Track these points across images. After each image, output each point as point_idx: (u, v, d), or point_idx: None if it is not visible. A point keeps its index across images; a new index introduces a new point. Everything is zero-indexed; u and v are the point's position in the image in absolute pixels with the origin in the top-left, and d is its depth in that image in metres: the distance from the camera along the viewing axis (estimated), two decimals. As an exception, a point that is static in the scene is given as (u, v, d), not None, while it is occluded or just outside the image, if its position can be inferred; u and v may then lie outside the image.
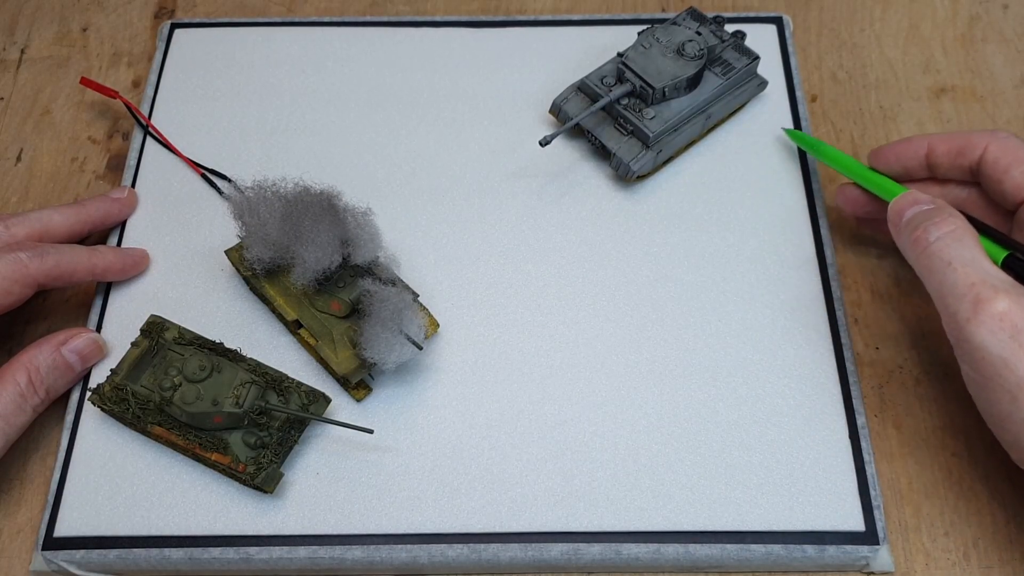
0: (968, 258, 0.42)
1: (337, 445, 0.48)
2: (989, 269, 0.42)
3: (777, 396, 0.49)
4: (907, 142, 0.51)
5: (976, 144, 0.48)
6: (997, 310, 0.40)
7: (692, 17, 0.57)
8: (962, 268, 0.42)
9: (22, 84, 0.64)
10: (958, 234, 0.43)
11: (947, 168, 0.50)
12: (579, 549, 0.45)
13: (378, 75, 0.61)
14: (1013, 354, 0.39)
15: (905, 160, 0.51)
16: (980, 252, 0.43)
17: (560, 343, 0.51)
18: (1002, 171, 0.47)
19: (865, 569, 0.46)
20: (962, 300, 0.41)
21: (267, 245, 0.48)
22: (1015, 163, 0.47)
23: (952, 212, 0.45)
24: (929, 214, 0.45)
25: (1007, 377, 0.40)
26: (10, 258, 0.48)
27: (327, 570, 0.46)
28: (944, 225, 0.44)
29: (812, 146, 0.55)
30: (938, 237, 0.43)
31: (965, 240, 0.43)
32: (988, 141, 0.48)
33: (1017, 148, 0.47)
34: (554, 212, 0.55)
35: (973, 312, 0.40)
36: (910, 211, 0.46)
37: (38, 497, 0.49)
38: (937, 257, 0.43)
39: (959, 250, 0.43)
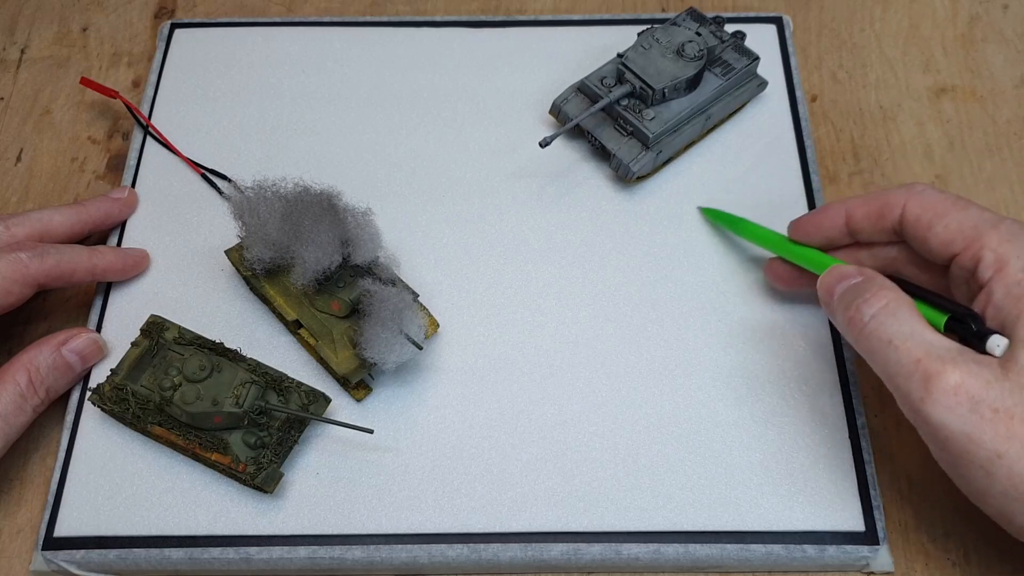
0: (908, 332, 0.40)
1: (337, 445, 0.48)
2: (932, 340, 0.39)
3: (777, 396, 0.49)
4: (824, 211, 0.48)
5: (894, 203, 0.45)
6: (950, 384, 0.38)
7: (692, 17, 0.57)
8: (903, 344, 0.39)
9: (22, 84, 0.64)
10: (892, 307, 0.41)
11: (870, 232, 0.46)
12: (579, 549, 0.45)
13: (378, 75, 0.61)
14: (976, 428, 0.37)
15: (825, 230, 0.48)
16: (920, 323, 0.40)
17: (560, 343, 0.51)
18: (925, 228, 0.44)
19: (865, 569, 0.46)
20: (911, 379, 0.39)
21: (267, 245, 0.48)
22: (936, 218, 0.43)
23: (883, 284, 0.42)
24: (859, 289, 0.42)
25: (975, 452, 0.38)
26: (10, 258, 0.48)
27: (327, 570, 0.46)
28: (876, 301, 0.41)
29: (731, 223, 0.53)
30: (872, 315, 0.41)
31: (901, 313, 0.41)
32: (905, 198, 0.45)
33: (936, 201, 0.44)
34: (554, 212, 0.55)
35: (925, 390, 0.38)
36: (839, 288, 0.43)
37: (38, 497, 0.49)
38: (875, 337, 0.40)
39: (897, 325, 0.40)
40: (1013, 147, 0.59)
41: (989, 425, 0.37)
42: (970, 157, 0.59)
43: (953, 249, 0.43)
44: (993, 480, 0.38)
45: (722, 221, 0.54)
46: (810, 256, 0.48)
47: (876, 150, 0.59)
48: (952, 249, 0.43)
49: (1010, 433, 0.37)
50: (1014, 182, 0.58)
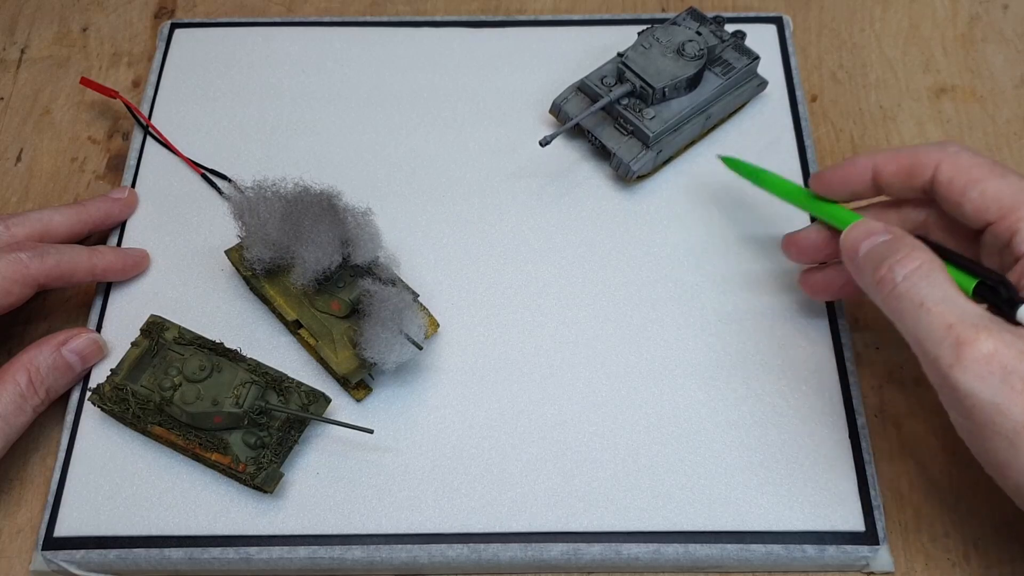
0: (940, 296, 0.39)
1: (337, 445, 0.48)
2: (965, 306, 0.38)
3: (777, 396, 0.49)
4: (851, 164, 0.46)
5: (926, 163, 0.43)
6: (983, 352, 0.37)
7: (692, 17, 0.57)
8: (936, 308, 0.38)
9: (22, 84, 0.64)
10: (925, 270, 0.40)
11: (899, 190, 0.45)
12: (579, 549, 0.45)
13: (378, 75, 0.61)
14: (1006, 398, 0.36)
15: (852, 184, 0.46)
16: (953, 287, 0.39)
17: (560, 343, 0.51)
18: (959, 193, 0.42)
19: (865, 569, 0.46)
20: (941, 344, 0.38)
21: (267, 245, 0.48)
22: (971, 183, 0.42)
23: (915, 244, 0.41)
24: (890, 248, 0.41)
25: (1002, 423, 0.37)
26: (10, 258, 0.48)
27: (327, 570, 0.46)
28: (909, 262, 0.40)
29: (752, 174, 0.52)
30: (904, 276, 0.40)
31: (934, 276, 0.39)
32: (939, 159, 0.43)
33: (971, 165, 0.42)
34: (554, 212, 0.55)
35: (956, 357, 0.37)
36: (866, 244, 0.42)
37: (38, 497, 0.49)
38: (907, 299, 0.39)
39: (929, 288, 0.39)
40: (1013, 147, 0.59)
41: (1019, 396, 0.36)
42: (970, 157, 0.59)
43: (988, 217, 0.42)
44: (1017, 452, 0.37)
45: (743, 172, 0.52)
46: (834, 212, 0.46)
47: (876, 150, 0.59)
48: (987, 217, 0.42)
49: None
50: (1014, 182, 0.58)
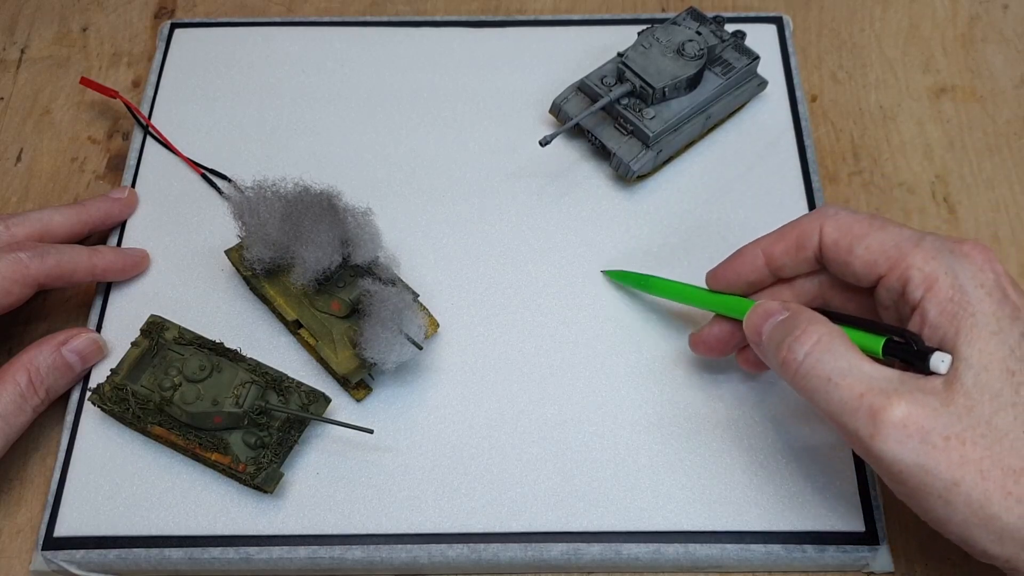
0: (846, 367, 0.38)
1: (337, 445, 0.48)
2: (872, 372, 0.38)
3: (777, 396, 0.49)
4: (741, 255, 0.46)
5: (810, 232, 0.43)
6: (897, 417, 0.37)
7: (692, 17, 0.57)
8: (843, 381, 0.38)
9: (22, 84, 0.64)
10: (825, 343, 0.39)
11: (792, 266, 0.44)
12: (579, 549, 0.45)
13: (378, 75, 0.61)
14: (930, 458, 0.36)
15: (745, 274, 0.46)
16: (856, 355, 0.39)
17: (560, 343, 0.51)
18: (845, 252, 0.42)
19: (865, 569, 0.46)
20: (856, 416, 0.37)
21: (267, 245, 0.48)
22: (855, 240, 0.41)
23: (811, 317, 0.41)
24: (788, 326, 0.41)
25: (932, 483, 0.37)
26: (10, 258, 0.48)
27: (327, 570, 0.46)
28: (807, 338, 0.40)
29: (639, 282, 0.51)
30: (806, 353, 0.39)
31: (835, 347, 0.39)
32: (820, 224, 0.43)
33: (852, 223, 0.42)
34: (554, 212, 0.55)
35: (873, 427, 0.37)
36: (766, 326, 0.42)
37: (38, 497, 0.49)
38: (812, 375, 0.39)
39: (833, 361, 0.39)
40: (1013, 147, 0.59)
41: (942, 454, 0.36)
42: (970, 157, 0.59)
43: (878, 270, 0.41)
44: (952, 509, 0.37)
45: (629, 282, 0.52)
46: (729, 302, 0.46)
47: (876, 150, 0.59)
48: (877, 271, 0.41)
49: (963, 459, 0.36)
50: (1014, 182, 0.58)
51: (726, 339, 0.47)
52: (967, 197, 0.57)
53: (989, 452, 0.37)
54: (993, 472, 0.36)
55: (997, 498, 0.36)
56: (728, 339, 0.47)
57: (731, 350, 0.48)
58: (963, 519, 0.37)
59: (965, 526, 0.37)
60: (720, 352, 0.48)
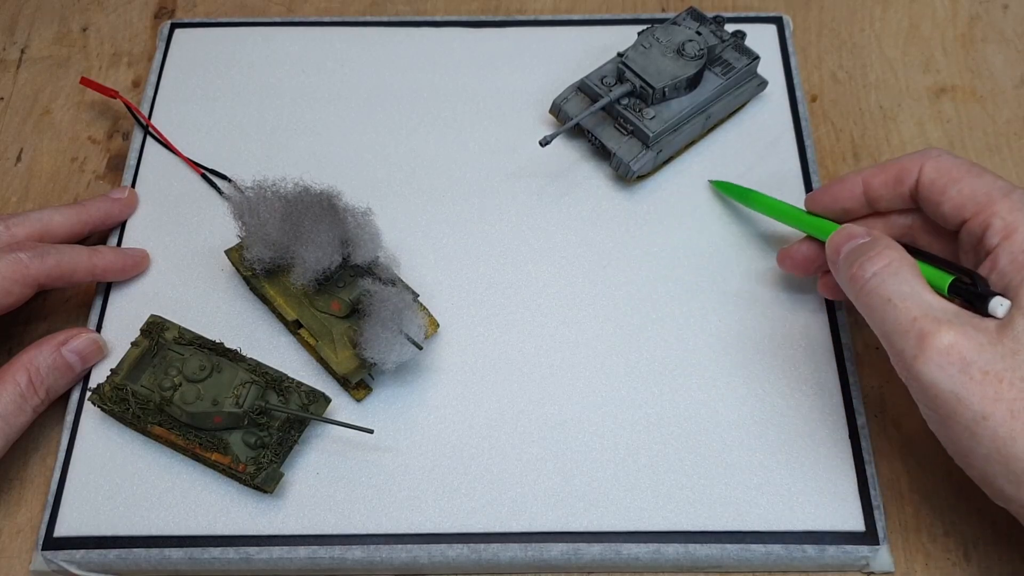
0: (907, 292, 0.40)
1: (337, 445, 0.48)
2: (931, 301, 0.40)
3: (777, 396, 0.49)
4: (841, 181, 0.48)
5: (910, 169, 0.45)
6: (943, 344, 0.38)
7: (692, 17, 0.57)
8: (902, 303, 0.40)
9: (22, 84, 0.64)
10: (894, 267, 0.41)
11: (888, 200, 0.46)
12: (579, 549, 0.45)
13: (378, 75, 0.61)
14: (965, 388, 0.38)
15: (843, 200, 0.48)
16: (920, 283, 0.41)
17: (560, 343, 0.51)
18: (939, 192, 0.44)
19: (865, 569, 0.46)
20: (906, 337, 0.39)
21: (267, 245, 0.48)
22: (951, 183, 0.43)
23: (888, 243, 0.42)
24: (864, 248, 0.43)
25: (962, 413, 0.38)
26: (10, 258, 0.48)
27: (327, 570, 0.46)
28: (879, 259, 0.42)
29: (741, 195, 0.53)
30: (874, 273, 0.41)
31: (903, 273, 0.41)
32: (922, 162, 0.45)
33: (951, 167, 0.44)
34: (554, 212, 0.55)
35: (919, 349, 0.38)
36: (846, 247, 0.44)
37: (38, 497, 0.49)
38: (875, 294, 0.41)
39: (897, 284, 0.40)
40: (1013, 147, 0.59)
41: (978, 387, 0.38)
42: (970, 157, 0.59)
43: (964, 214, 0.43)
44: (977, 441, 0.38)
45: (733, 194, 0.54)
46: (822, 226, 0.48)
47: (876, 150, 0.59)
48: (963, 214, 0.43)
49: (997, 396, 0.37)
50: (1014, 182, 0.58)
51: (812, 258, 0.49)
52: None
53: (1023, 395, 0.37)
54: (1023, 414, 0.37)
55: (1022, 439, 0.37)
56: (814, 259, 0.49)
57: (814, 271, 0.50)
58: (986, 454, 0.38)
59: (987, 461, 0.38)
60: (803, 270, 0.50)
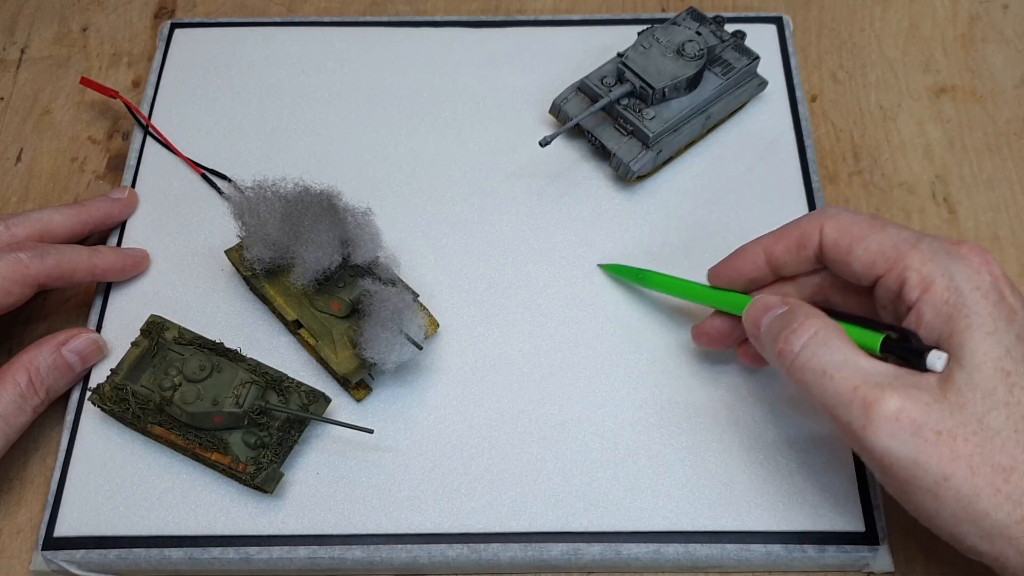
0: (841, 360, 0.39)
1: (337, 445, 0.48)
2: (867, 366, 0.39)
3: (777, 396, 0.49)
4: (742, 253, 0.46)
5: (811, 232, 0.44)
6: (890, 410, 0.37)
7: (692, 17, 0.57)
8: (838, 373, 0.38)
9: (22, 84, 0.64)
10: (822, 336, 0.40)
11: (793, 265, 0.45)
12: (579, 549, 0.45)
13: (378, 75, 0.61)
14: (921, 452, 0.37)
15: (747, 272, 0.46)
16: (852, 349, 0.39)
17: (560, 343, 0.51)
18: (845, 253, 0.42)
19: (865, 569, 0.46)
20: (849, 408, 0.38)
21: (267, 245, 0.48)
22: (855, 241, 0.42)
23: (809, 312, 0.41)
24: (785, 320, 0.41)
25: (922, 477, 0.37)
26: (10, 258, 0.48)
27: (327, 570, 0.46)
28: (804, 331, 0.40)
29: (636, 276, 0.51)
30: (803, 346, 0.40)
31: (831, 341, 0.40)
32: (820, 224, 0.43)
33: (852, 223, 0.42)
34: (554, 212, 0.55)
35: (866, 419, 0.37)
36: (765, 320, 0.43)
37: (38, 497, 0.49)
38: (808, 368, 0.39)
39: (829, 354, 0.39)
40: (1013, 147, 0.59)
41: (933, 448, 0.37)
42: (970, 157, 0.59)
43: (876, 271, 0.42)
44: (941, 503, 0.37)
45: (625, 276, 0.52)
46: (730, 299, 0.47)
47: (876, 150, 0.59)
48: (875, 271, 0.42)
49: (954, 454, 0.37)
50: (1014, 182, 0.58)
51: (727, 332, 0.48)
52: (967, 197, 0.57)
53: (980, 449, 0.37)
54: (983, 469, 0.37)
55: (986, 494, 0.37)
56: (729, 332, 0.48)
57: (732, 343, 0.48)
58: (952, 514, 0.37)
59: (954, 522, 0.38)
60: (721, 344, 0.48)
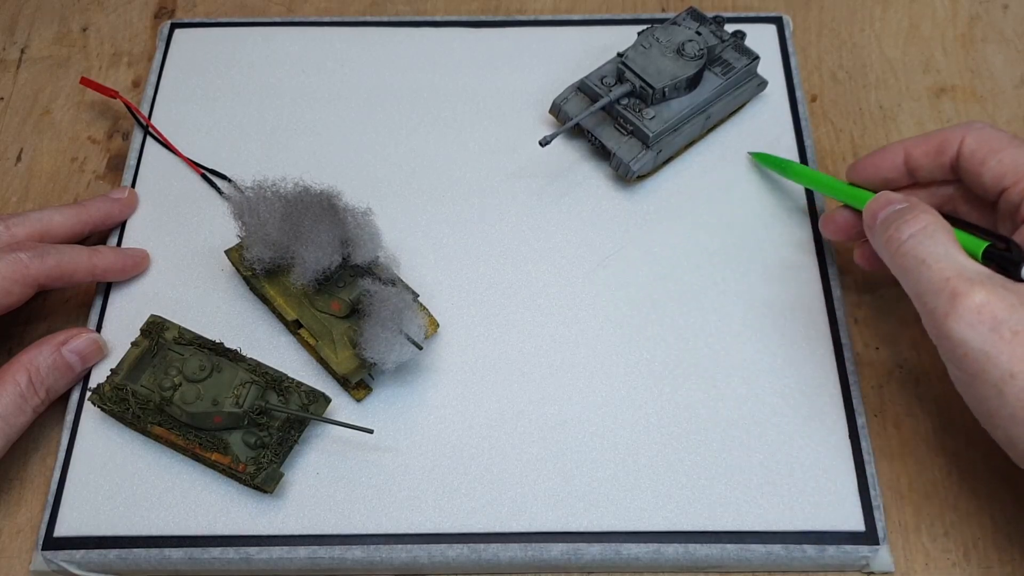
0: (942, 253, 0.41)
1: (337, 445, 0.48)
2: (964, 262, 0.41)
3: (777, 396, 0.49)
4: (884, 151, 0.49)
5: (952, 140, 0.46)
6: (974, 303, 0.39)
7: (692, 17, 0.57)
8: (936, 264, 0.41)
9: (22, 84, 0.64)
10: (930, 230, 0.42)
11: (928, 170, 0.48)
12: (579, 549, 0.45)
13: (378, 75, 0.61)
14: (994, 347, 0.38)
15: (884, 170, 0.49)
16: (954, 246, 0.42)
17: (560, 343, 0.51)
18: (979, 163, 0.45)
19: (865, 569, 0.46)
20: (938, 296, 0.40)
21: (267, 245, 0.48)
22: (991, 153, 0.45)
23: (924, 208, 0.44)
24: (901, 212, 0.44)
25: (991, 371, 0.39)
26: (11, 258, 0.48)
27: (327, 570, 0.46)
28: (916, 222, 0.43)
29: (781, 166, 0.55)
30: (911, 235, 0.42)
31: (938, 236, 0.42)
32: (964, 134, 0.46)
33: (992, 138, 0.45)
34: (554, 212, 0.55)
35: (951, 307, 0.39)
36: (883, 212, 0.45)
37: (38, 497, 0.49)
38: (911, 255, 0.42)
39: (932, 246, 0.42)
40: (1013, 147, 0.59)
41: (1007, 345, 0.38)
42: (970, 157, 0.59)
43: (1003, 184, 0.44)
44: (1004, 400, 0.39)
45: (772, 165, 0.55)
46: (863, 196, 0.48)
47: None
48: (1002, 183, 0.44)
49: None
50: (1014, 182, 0.58)
51: (852, 224, 0.50)
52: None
53: None
54: None
55: None
56: (854, 224, 0.50)
57: (854, 237, 0.50)
58: (1011, 413, 0.39)
59: (1012, 422, 0.39)
60: (846, 235, 0.51)
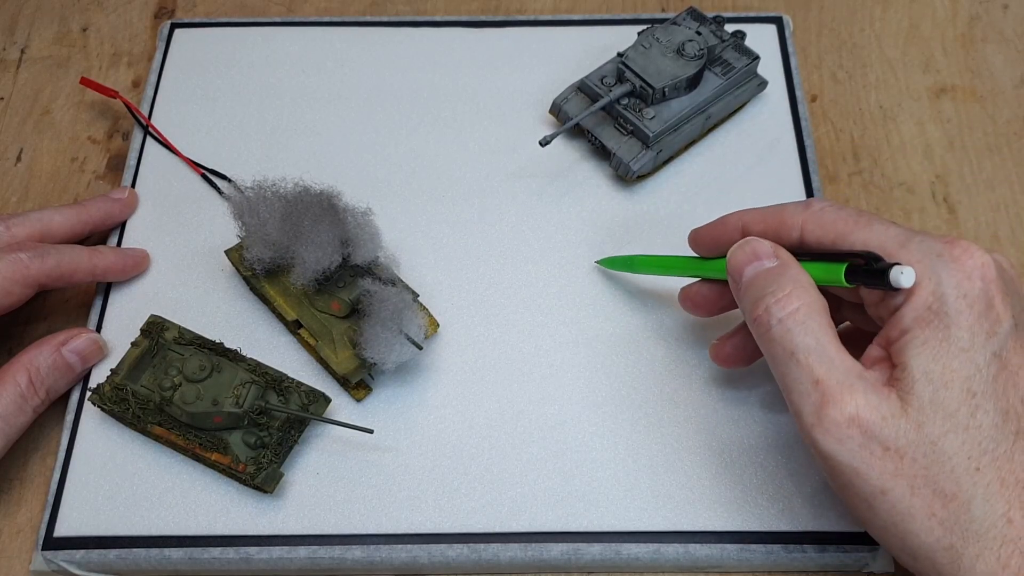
0: (812, 346, 0.38)
1: (337, 445, 0.48)
2: (835, 360, 0.37)
3: (777, 396, 0.49)
4: (721, 223, 0.45)
5: (790, 224, 0.41)
6: (844, 415, 0.36)
7: (692, 17, 0.57)
8: (805, 359, 0.37)
9: (22, 84, 0.64)
10: (802, 315, 0.38)
11: None
12: (579, 549, 0.45)
13: (378, 75, 0.61)
14: (864, 463, 0.36)
15: (724, 243, 0.44)
16: (828, 335, 0.38)
17: (560, 343, 0.51)
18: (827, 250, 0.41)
19: (865, 570, 0.46)
20: (805, 400, 0.37)
21: (267, 245, 0.48)
22: (839, 238, 0.40)
23: (797, 279, 0.39)
24: (773, 281, 0.39)
25: (860, 487, 0.37)
26: (11, 258, 0.48)
27: (327, 570, 0.46)
28: (788, 303, 0.38)
29: (626, 264, 0.51)
30: (779, 320, 0.38)
31: (810, 323, 0.38)
32: (803, 219, 0.41)
33: (836, 220, 0.40)
34: (554, 212, 0.55)
35: (817, 417, 0.37)
36: (749, 269, 0.41)
37: (38, 497, 0.49)
38: (779, 344, 0.38)
39: (802, 336, 0.38)
40: (1013, 147, 0.59)
41: (878, 462, 0.36)
42: (970, 157, 0.59)
43: None
44: (874, 514, 0.37)
45: (618, 267, 0.52)
46: (712, 266, 0.45)
47: (876, 150, 0.59)
48: None
49: (898, 472, 0.36)
50: (1014, 182, 0.58)
51: (713, 298, 0.47)
52: (967, 197, 0.57)
53: (926, 471, 0.36)
54: (924, 491, 0.36)
55: (921, 517, 0.36)
56: (716, 299, 0.46)
57: (716, 311, 0.47)
58: (882, 526, 0.37)
59: (883, 534, 0.38)
60: (705, 310, 0.47)
